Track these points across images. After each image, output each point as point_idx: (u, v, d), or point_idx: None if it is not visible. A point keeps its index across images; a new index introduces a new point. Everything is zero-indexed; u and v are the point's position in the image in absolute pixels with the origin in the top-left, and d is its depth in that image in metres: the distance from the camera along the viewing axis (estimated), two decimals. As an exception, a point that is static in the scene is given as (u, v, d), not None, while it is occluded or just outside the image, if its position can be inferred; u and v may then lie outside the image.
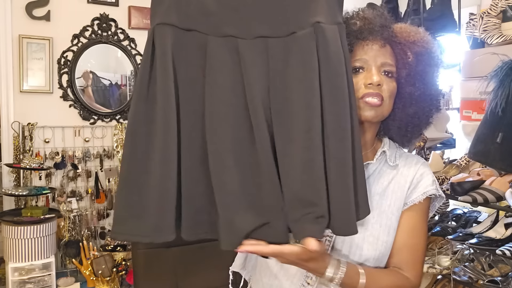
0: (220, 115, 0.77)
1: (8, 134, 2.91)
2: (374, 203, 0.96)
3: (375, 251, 0.94)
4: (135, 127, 0.78)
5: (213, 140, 0.77)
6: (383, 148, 1.00)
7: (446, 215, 2.29)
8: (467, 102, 2.25)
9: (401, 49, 0.95)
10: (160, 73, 0.76)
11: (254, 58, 0.78)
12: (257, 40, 0.79)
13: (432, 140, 2.49)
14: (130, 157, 0.78)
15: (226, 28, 0.79)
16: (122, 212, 0.77)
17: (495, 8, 2.13)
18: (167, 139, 0.75)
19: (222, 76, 0.78)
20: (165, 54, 0.76)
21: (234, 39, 0.79)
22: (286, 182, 0.77)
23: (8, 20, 2.88)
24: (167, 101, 0.76)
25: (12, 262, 2.58)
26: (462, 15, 2.65)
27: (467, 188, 1.86)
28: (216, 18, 0.79)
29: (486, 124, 1.66)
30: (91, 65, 3.16)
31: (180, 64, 0.78)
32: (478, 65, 2.06)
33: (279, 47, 0.79)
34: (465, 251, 2.13)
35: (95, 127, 3.17)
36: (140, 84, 0.78)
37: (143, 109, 0.77)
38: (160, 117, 0.76)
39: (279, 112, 0.78)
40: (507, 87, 1.55)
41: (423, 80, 0.96)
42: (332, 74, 0.77)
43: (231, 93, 0.78)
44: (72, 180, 3.07)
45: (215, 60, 0.78)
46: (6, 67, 2.88)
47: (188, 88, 0.78)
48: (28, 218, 2.64)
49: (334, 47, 0.77)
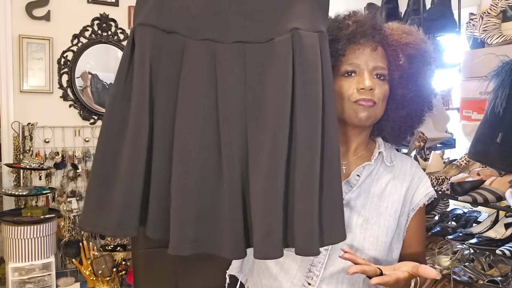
0: (190, 117, 0.78)
1: (8, 134, 2.91)
2: (373, 204, 0.97)
3: (375, 251, 0.95)
4: (109, 124, 0.79)
5: (179, 141, 0.77)
6: (379, 149, 1.01)
7: (446, 215, 2.29)
8: (467, 102, 2.25)
9: (393, 51, 0.95)
10: (136, 73, 0.77)
11: (231, 62, 0.79)
12: (235, 45, 0.79)
13: (432, 140, 2.49)
14: (102, 152, 0.80)
15: (205, 32, 0.79)
16: (91, 204, 0.80)
17: (495, 8, 2.13)
18: (138, 138, 0.76)
19: (197, 79, 0.79)
20: (143, 55, 0.77)
21: (212, 43, 0.79)
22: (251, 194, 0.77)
23: (8, 20, 2.88)
24: (141, 100, 0.77)
25: (12, 262, 2.58)
26: (462, 15, 2.65)
27: (467, 188, 1.86)
28: (197, 22, 0.80)
29: (486, 124, 1.66)
30: (90, 65, 3.15)
31: (158, 65, 0.79)
32: (478, 65, 2.06)
33: (256, 53, 0.79)
34: (465, 251, 2.13)
35: (95, 127, 3.17)
36: (118, 82, 0.79)
37: (118, 106, 0.79)
38: (133, 115, 0.77)
39: (254, 116, 0.78)
40: (507, 87, 1.55)
41: (416, 82, 0.96)
42: (306, 81, 0.76)
43: (204, 96, 0.78)
44: (72, 180, 3.07)
45: (191, 63, 0.79)
46: (6, 67, 2.88)
47: (164, 89, 0.79)
48: (28, 218, 2.64)
49: (310, 54, 0.76)
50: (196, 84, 0.78)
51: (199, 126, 0.78)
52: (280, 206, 0.75)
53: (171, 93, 0.79)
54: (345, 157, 1.00)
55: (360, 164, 0.99)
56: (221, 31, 0.80)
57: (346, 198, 0.96)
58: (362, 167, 0.99)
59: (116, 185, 0.77)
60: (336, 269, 0.94)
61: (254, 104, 0.78)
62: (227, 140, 0.78)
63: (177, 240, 0.77)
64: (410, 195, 1.00)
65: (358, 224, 0.95)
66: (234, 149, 0.78)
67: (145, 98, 0.77)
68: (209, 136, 0.79)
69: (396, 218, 0.98)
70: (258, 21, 0.79)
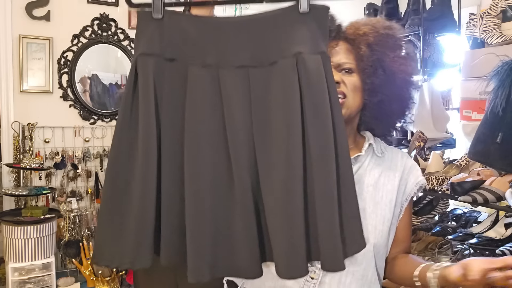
0: (199, 142, 0.79)
1: (8, 134, 2.91)
2: (368, 194, 1.00)
3: (374, 239, 0.98)
4: (117, 153, 0.80)
5: (190, 166, 0.78)
6: (369, 141, 1.05)
7: (446, 215, 2.29)
8: (467, 102, 2.24)
9: (354, 43, 1.00)
10: (142, 102, 0.78)
11: (235, 87, 0.80)
12: (238, 70, 0.80)
13: (432, 140, 2.49)
14: (112, 183, 0.80)
15: (207, 58, 0.80)
16: (104, 238, 0.81)
17: (495, 8, 2.13)
18: (148, 167, 0.78)
19: (202, 104, 0.79)
20: (147, 84, 0.78)
21: (215, 68, 0.80)
22: (268, 212, 0.78)
23: (8, 20, 2.88)
24: (148, 129, 0.78)
25: (12, 262, 2.58)
26: (462, 15, 2.65)
27: (467, 188, 1.86)
28: (198, 48, 0.80)
29: (486, 124, 1.66)
30: (91, 65, 3.15)
31: (162, 93, 0.80)
32: (478, 65, 2.06)
33: (260, 76, 0.80)
34: (465, 251, 2.12)
35: (95, 127, 3.17)
36: (123, 112, 0.80)
37: (126, 136, 0.80)
38: (142, 145, 0.78)
39: (262, 138, 0.79)
40: (507, 87, 1.55)
41: (382, 68, 0.99)
42: (315, 103, 0.77)
43: (211, 120, 0.79)
44: (72, 180, 3.07)
45: (195, 89, 0.80)
46: (6, 67, 2.88)
47: (170, 117, 0.80)
48: (28, 218, 2.64)
49: (316, 76, 0.77)
50: (202, 109, 0.79)
51: (209, 150, 0.79)
52: (301, 221, 0.76)
53: (178, 120, 0.80)
54: None
55: (351, 157, 1.01)
56: (223, 56, 0.80)
57: None
58: (354, 159, 1.02)
59: (130, 217, 0.78)
60: None
61: (261, 126, 0.79)
62: (237, 161, 0.79)
63: (195, 267, 0.78)
64: (403, 185, 1.04)
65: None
66: (244, 170, 0.79)
67: (152, 127, 0.78)
68: (219, 159, 0.79)
69: (391, 207, 1.01)
70: (260, 45, 0.80)
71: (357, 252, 0.83)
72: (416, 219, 2.29)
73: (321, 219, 0.76)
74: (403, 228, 1.06)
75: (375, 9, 3.17)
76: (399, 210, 1.04)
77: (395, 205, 1.02)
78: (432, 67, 2.68)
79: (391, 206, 1.01)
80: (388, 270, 1.06)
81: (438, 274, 0.89)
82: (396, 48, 1.01)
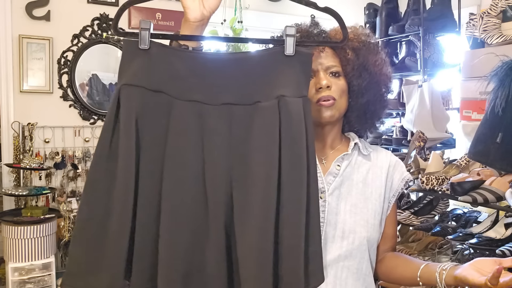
0: (177, 179, 0.80)
1: (8, 134, 2.91)
2: (358, 190, 1.06)
3: (366, 233, 1.03)
4: (94, 184, 0.81)
5: (167, 203, 0.79)
6: (354, 140, 1.11)
7: (446, 215, 2.29)
8: (467, 102, 2.25)
9: (340, 48, 1.05)
10: (122, 133, 0.79)
11: (217, 124, 0.81)
12: (222, 107, 0.81)
13: (432, 140, 2.49)
14: (86, 213, 0.81)
15: (192, 93, 0.81)
16: (74, 267, 0.81)
17: (495, 8, 2.13)
18: (125, 200, 0.78)
19: (183, 140, 0.80)
20: (129, 115, 0.79)
21: (199, 104, 0.81)
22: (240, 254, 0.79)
23: (8, 20, 2.88)
24: (127, 161, 0.78)
25: (12, 262, 2.58)
26: (462, 15, 2.66)
27: (467, 188, 1.86)
28: (184, 83, 0.81)
29: (486, 124, 1.66)
30: (91, 65, 3.15)
31: (144, 124, 0.80)
32: (478, 65, 2.06)
33: (243, 115, 0.81)
34: (465, 251, 2.12)
35: (95, 127, 3.17)
36: (102, 141, 0.80)
37: (104, 166, 0.80)
38: (120, 176, 0.79)
39: (239, 178, 0.81)
40: (507, 87, 1.55)
41: (367, 71, 1.06)
42: (292, 146, 0.79)
43: (191, 157, 0.80)
44: (72, 180, 3.07)
45: (178, 124, 0.80)
46: (6, 67, 2.88)
47: (150, 150, 0.81)
48: (28, 218, 2.64)
49: (296, 120, 0.80)
50: (183, 145, 0.81)
51: (186, 188, 0.80)
52: (270, 267, 0.78)
53: (158, 153, 0.81)
54: (323, 152, 1.09)
55: (339, 155, 1.08)
56: (207, 93, 0.81)
57: (332, 188, 1.04)
58: (341, 158, 1.08)
59: (106, 248, 0.79)
60: (333, 256, 1.00)
61: (240, 164, 0.81)
62: (213, 198, 0.80)
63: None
64: (389, 182, 1.10)
65: (347, 210, 1.03)
66: (221, 211, 0.80)
67: (131, 160, 0.78)
68: (196, 198, 0.81)
69: (381, 202, 1.07)
70: (245, 84, 0.82)
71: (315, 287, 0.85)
72: (416, 219, 2.29)
73: (287, 258, 0.79)
74: (390, 223, 1.11)
75: (375, 9, 3.17)
76: (387, 205, 1.10)
77: (383, 200, 1.08)
78: (432, 67, 2.68)
79: (380, 201, 1.07)
80: (383, 271, 1.11)
81: (446, 274, 0.93)
82: (376, 52, 1.08)
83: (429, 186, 2.05)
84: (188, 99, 0.81)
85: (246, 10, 3.39)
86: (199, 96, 0.81)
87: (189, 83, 0.81)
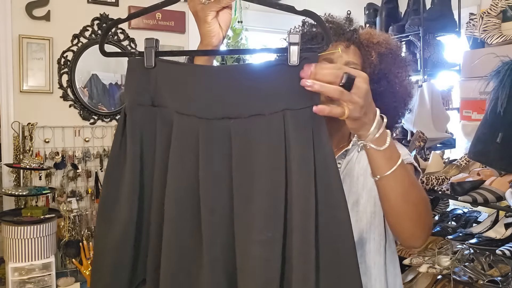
0: (174, 200, 0.82)
1: (8, 134, 2.91)
2: (359, 183, 1.05)
3: (368, 232, 1.04)
4: (108, 190, 0.88)
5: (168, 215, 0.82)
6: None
7: (446, 215, 2.29)
8: (467, 102, 2.25)
9: (366, 50, 1.03)
10: (129, 150, 0.86)
11: (215, 138, 0.80)
12: (221, 121, 0.80)
13: (432, 140, 2.49)
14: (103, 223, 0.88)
15: (191, 107, 0.82)
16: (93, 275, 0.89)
17: (495, 8, 2.13)
18: (130, 203, 0.84)
19: (182, 153, 0.82)
20: (133, 129, 0.85)
21: (197, 118, 0.81)
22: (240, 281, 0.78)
23: (8, 20, 2.87)
24: (132, 171, 0.85)
25: (12, 262, 2.58)
26: (462, 15, 2.65)
27: (467, 188, 1.86)
28: (186, 97, 0.82)
29: (486, 124, 1.66)
30: (91, 65, 3.15)
31: (150, 138, 0.85)
32: (478, 65, 2.06)
33: (244, 129, 0.79)
34: (465, 251, 2.13)
35: (95, 127, 3.17)
36: (113, 151, 0.88)
37: (115, 174, 0.87)
38: (126, 183, 0.85)
39: (242, 190, 0.79)
40: (507, 87, 1.55)
41: (386, 78, 1.04)
42: (298, 161, 0.75)
43: (187, 171, 0.82)
44: (72, 180, 3.07)
45: (178, 138, 0.82)
46: (6, 67, 2.88)
47: (156, 162, 0.85)
48: (28, 218, 2.64)
49: (303, 132, 0.75)
50: (181, 159, 0.82)
51: (183, 201, 0.82)
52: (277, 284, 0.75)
53: (163, 165, 0.84)
54: None
55: (341, 151, 1.08)
56: (206, 106, 0.81)
57: None
58: (342, 154, 1.08)
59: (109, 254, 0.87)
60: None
61: (242, 178, 0.79)
62: (212, 212, 0.80)
63: None
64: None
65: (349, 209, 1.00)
66: (221, 223, 0.79)
67: (136, 173, 0.85)
68: (193, 210, 0.81)
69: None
70: (247, 97, 0.79)
71: None
72: (416, 219, 2.29)
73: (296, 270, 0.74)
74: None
75: (375, 9, 3.17)
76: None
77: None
78: (432, 67, 2.68)
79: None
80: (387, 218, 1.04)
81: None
82: (401, 65, 1.06)
83: (429, 186, 2.05)
84: (187, 112, 0.82)
85: (246, 10, 3.39)
86: (197, 109, 0.81)
87: (191, 98, 0.82)
